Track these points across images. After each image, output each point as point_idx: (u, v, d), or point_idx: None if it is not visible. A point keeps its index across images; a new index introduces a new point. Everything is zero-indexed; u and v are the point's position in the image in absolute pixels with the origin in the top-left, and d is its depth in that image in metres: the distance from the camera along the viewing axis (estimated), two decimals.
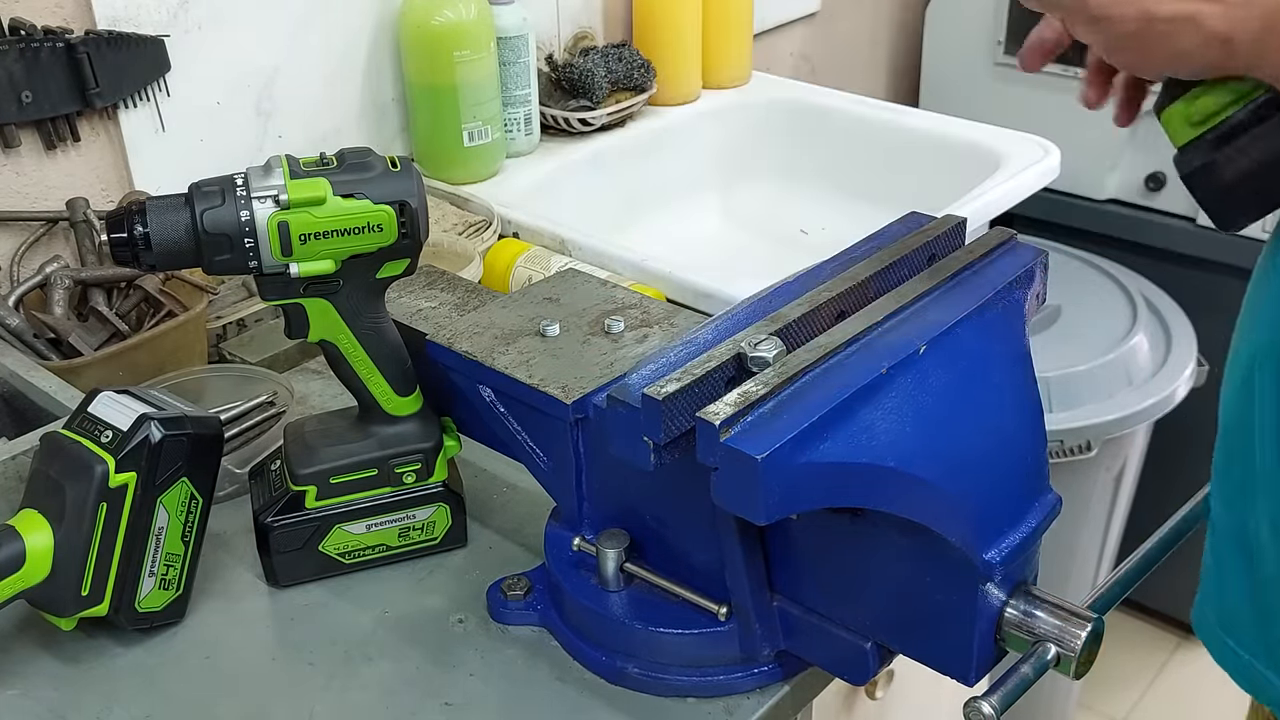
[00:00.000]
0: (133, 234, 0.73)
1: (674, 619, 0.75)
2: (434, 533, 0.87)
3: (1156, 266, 2.01)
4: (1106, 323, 1.88)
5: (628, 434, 0.63)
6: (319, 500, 0.84)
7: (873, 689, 1.14)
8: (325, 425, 0.87)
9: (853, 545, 0.67)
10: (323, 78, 1.32)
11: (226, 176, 0.75)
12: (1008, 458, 0.64)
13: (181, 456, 0.78)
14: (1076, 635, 0.62)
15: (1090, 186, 2.03)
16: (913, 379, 0.63)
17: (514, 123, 1.46)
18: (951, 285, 0.71)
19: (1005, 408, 0.64)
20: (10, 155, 1.11)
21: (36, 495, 0.78)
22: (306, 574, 0.86)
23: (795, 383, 0.62)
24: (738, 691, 0.76)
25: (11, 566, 0.75)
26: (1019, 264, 0.74)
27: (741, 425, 0.59)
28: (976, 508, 0.61)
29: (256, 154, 1.28)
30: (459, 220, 1.31)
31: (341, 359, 0.82)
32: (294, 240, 0.75)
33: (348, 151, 0.78)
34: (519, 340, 0.81)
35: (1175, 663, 2.29)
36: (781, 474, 0.58)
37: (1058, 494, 0.66)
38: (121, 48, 1.13)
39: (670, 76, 1.61)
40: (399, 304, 0.89)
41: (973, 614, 0.63)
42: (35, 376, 0.98)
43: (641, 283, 1.18)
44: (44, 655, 0.80)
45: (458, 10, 1.33)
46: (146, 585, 0.80)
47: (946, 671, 0.67)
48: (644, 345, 0.81)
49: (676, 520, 0.74)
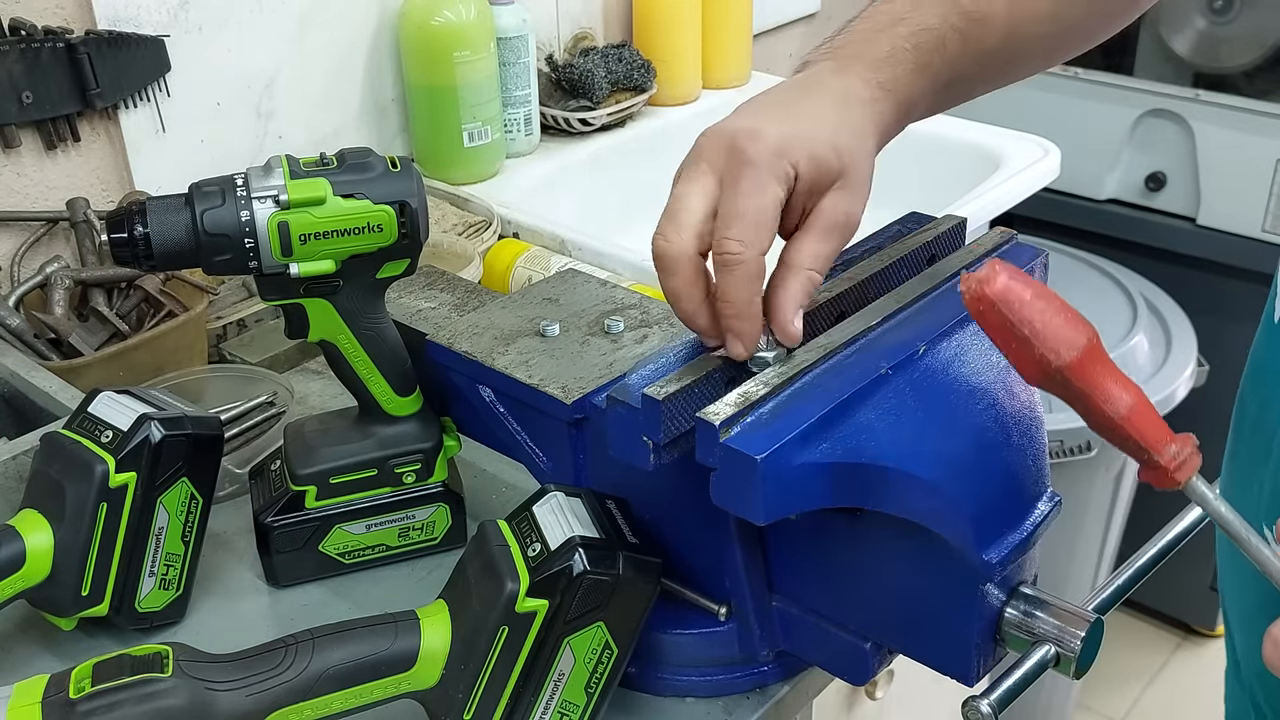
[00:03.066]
0: (133, 234, 0.73)
1: (673, 619, 0.75)
2: (434, 533, 0.87)
3: (1156, 266, 2.01)
4: (1106, 323, 1.88)
5: (627, 434, 0.63)
6: (319, 500, 0.84)
7: (873, 689, 1.14)
8: (325, 425, 0.87)
9: (852, 545, 0.67)
10: (323, 78, 1.32)
11: (226, 177, 0.75)
12: (1007, 457, 0.63)
13: (181, 456, 0.78)
14: (1076, 635, 0.62)
15: (1090, 186, 2.03)
16: (912, 379, 0.63)
17: (514, 123, 1.46)
18: (951, 285, 0.71)
19: (1005, 408, 0.64)
20: (10, 155, 1.11)
21: (36, 495, 0.78)
22: (306, 574, 0.86)
23: (795, 383, 0.62)
24: (738, 691, 0.76)
25: (11, 566, 0.75)
26: (1019, 264, 0.74)
27: (741, 425, 0.59)
28: (976, 508, 0.61)
29: (256, 154, 1.28)
30: (459, 220, 1.31)
31: (341, 359, 0.82)
32: (294, 240, 0.75)
33: (348, 152, 0.78)
34: (519, 340, 0.81)
35: (1175, 663, 2.29)
36: (781, 474, 0.58)
37: (1058, 494, 0.66)
38: (122, 48, 1.13)
39: (670, 77, 1.61)
40: (399, 304, 0.89)
41: (972, 614, 0.63)
42: (35, 376, 0.98)
43: (641, 283, 1.18)
44: (44, 655, 0.80)
45: (457, 11, 1.33)
46: (146, 585, 0.80)
47: (946, 671, 0.67)
48: (644, 345, 0.81)
49: (676, 520, 0.74)
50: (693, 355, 0.66)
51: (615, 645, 0.69)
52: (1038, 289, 0.51)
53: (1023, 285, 0.51)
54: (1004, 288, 0.51)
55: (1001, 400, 0.64)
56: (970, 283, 0.52)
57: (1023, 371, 0.53)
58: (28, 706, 0.62)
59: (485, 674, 0.67)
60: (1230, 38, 1.86)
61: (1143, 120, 1.97)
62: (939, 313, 0.68)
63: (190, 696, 0.63)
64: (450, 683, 0.67)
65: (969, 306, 0.52)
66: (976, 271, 0.52)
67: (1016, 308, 0.51)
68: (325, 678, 0.65)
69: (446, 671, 0.67)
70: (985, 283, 0.51)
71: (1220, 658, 0.92)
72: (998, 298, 0.51)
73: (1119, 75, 1.97)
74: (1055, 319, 0.51)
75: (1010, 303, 0.51)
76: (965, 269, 0.73)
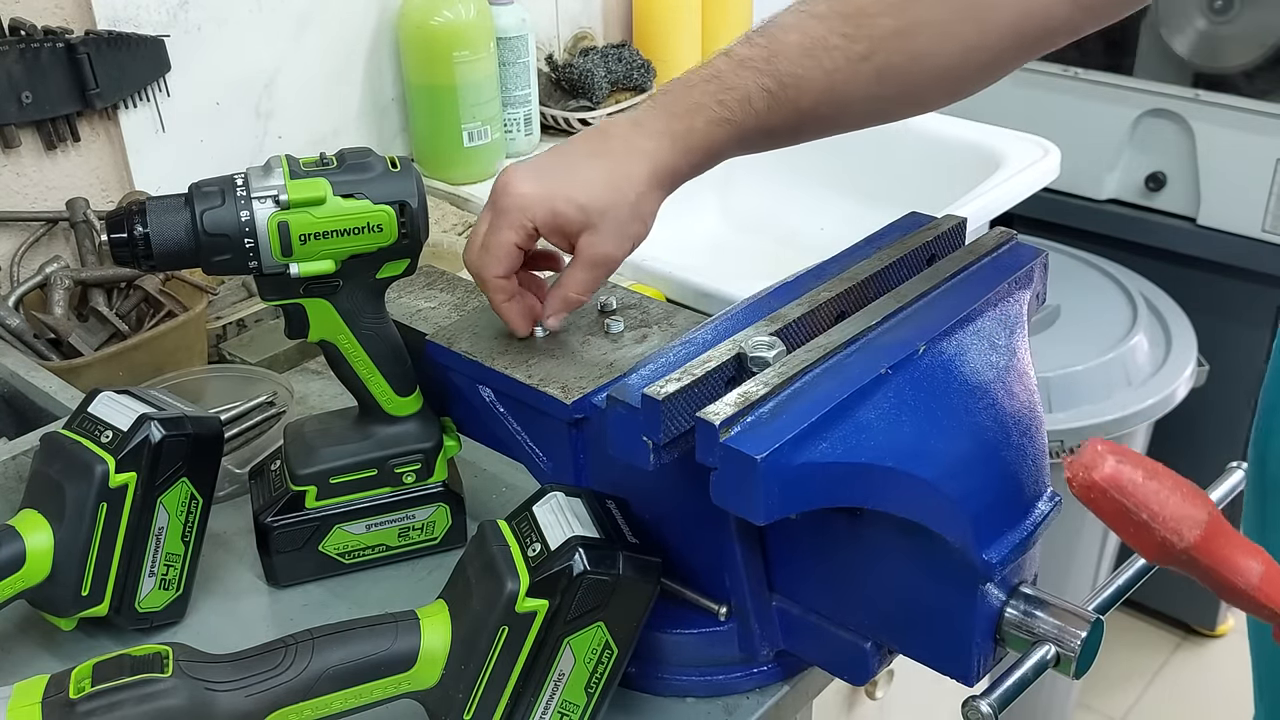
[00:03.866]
0: (133, 234, 0.73)
1: (674, 619, 0.75)
2: (434, 533, 0.87)
3: (1156, 266, 2.01)
4: (1106, 323, 1.88)
5: (627, 434, 0.63)
6: (319, 500, 0.84)
7: (873, 689, 1.14)
8: (325, 425, 0.87)
9: (852, 545, 0.67)
10: (322, 78, 1.32)
11: (226, 177, 0.75)
12: (1007, 457, 0.64)
13: (181, 456, 0.78)
14: (1076, 635, 0.62)
15: (1090, 186, 2.03)
16: (912, 379, 0.63)
17: (514, 123, 1.46)
18: (951, 285, 0.71)
19: (1005, 407, 0.64)
20: (10, 155, 1.11)
21: (36, 495, 0.78)
22: (306, 574, 0.86)
23: (795, 383, 0.62)
24: (738, 691, 0.76)
25: (11, 566, 0.75)
26: (1018, 264, 0.74)
27: (741, 425, 0.59)
28: (976, 508, 0.61)
29: (256, 154, 1.28)
30: (459, 220, 1.31)
31: (341, 359, 0.82)
32: (294, 240, 0.75)
33: (348, 152, 0.78)
34: (519, 340, 0.81)
35: (1175, 663, 2.29)
36: (781, 474, 0.58)
37: (1058, 494, 0.66)
38: (121, 48, 1.13)
39: (670, 76, 1.59)
40: (399, 304, 0.89)
41: (972, 614, 0.63)
42: (35, 376, 0.98)
43: (641, 283, 1.18)
44: (44, 655, 0.80)
45: (457, 10, 1.33)
46: (146, 585, 0.80)
47: (946, 671, 0.67)
48: (644, 345, 0.81)
49: (676, 520, 0.74)
50: (693, 355, 0.66)
51: (615, 645, 0.69)
52: (1148, 467, 0.49)
53: (1133, 467, 0.48)
54: (1114, 472, 0.48)
55: (1001, 400, 0.64)
56: (1077, 469, 0.49)
57: (1143, 552, 0.50)
58: (28, 707, 0.62)
59: (485, 674, 0.67)
60: (1230, 38, 1.86)
61: (1143, 120, 1.97)
62: (938, 313, 0.68)
63: (190, 696, 0.63)
64: (450, 683, 0.67)
65: (1079, 495, 0.49)
66: (1079, 456, 0.49)
67: (1130, 491, 0.48)
68: (325, 678, 0.65)
69: (446, 671, 0.67)
70: (1092, 468, 0.48)
71: (1220, 658, 0.92)
72: (1109, 484, 0.48)
73: (1119, 75, 1.97)
74: (1172, 498, 0.49)
75: (1123, 487, 0.48)
76: (965, 269, 0.73)
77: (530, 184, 0.77)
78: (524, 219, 0.77)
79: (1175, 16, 1.91)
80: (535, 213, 0.77)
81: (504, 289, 0.79)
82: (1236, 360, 1.99)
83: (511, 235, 0.77)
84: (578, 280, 0.79)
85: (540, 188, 0.77)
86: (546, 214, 0.77)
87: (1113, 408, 1.77)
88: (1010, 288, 0.72)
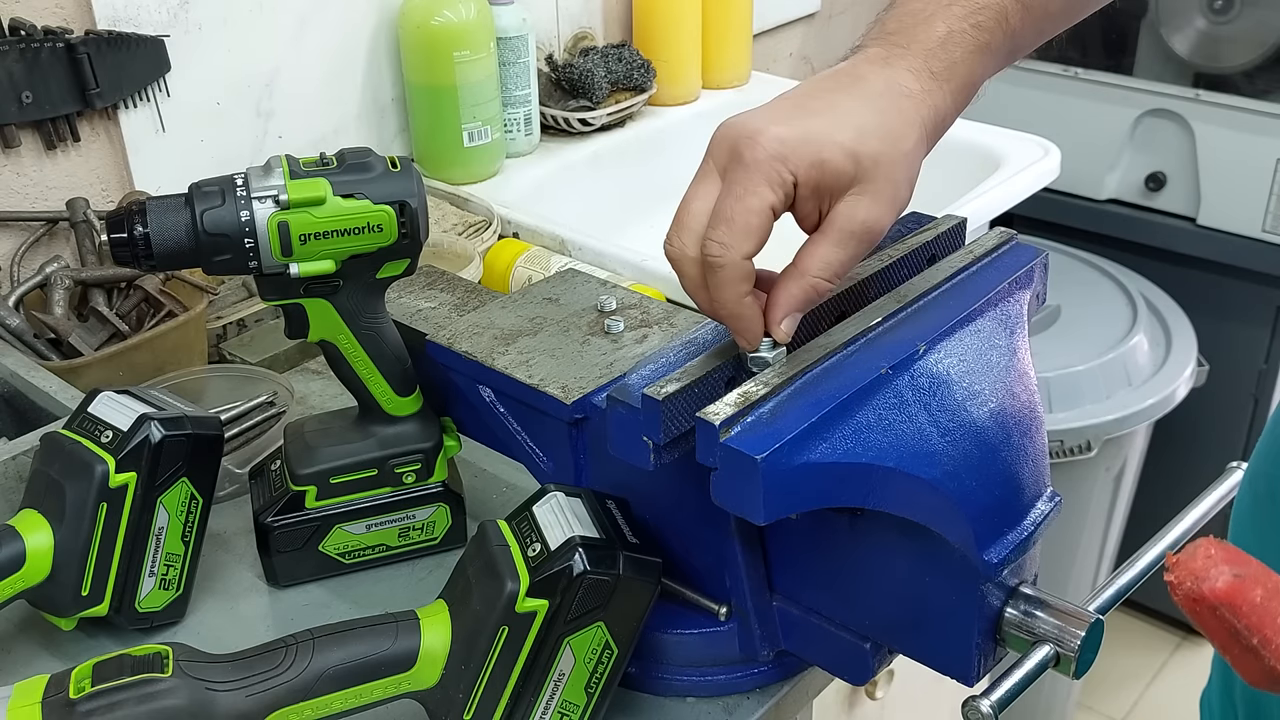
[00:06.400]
0: (133, 234, 0.73)
1: (673, 619, 0.75)
2: (434, 533, 0.87)
3: (1156, 266, 2.01)
4: (1106, 323, 1.88)
5: (628, 434, 0.63)
6: (319, 500, 0.84)
7: (873, 689, 1.14)
8: (325, 425, 0.87)
9: (852, 545, 0.67)
10: (322, 78, 1.32)
11: (226, 177, 0.75)
12: (1007, 457, 0.63)
13: (181, 456, 0.78)
14: (1076, 635, 0.62)
15: (1090, 186, 2.03)
16: (912, 379, 0.63)
17: (514, 123, 1.46)
18: (951, 285, 0.71)
19: (1005, 408, 0.64)
20: (10, 155, 1.11)
21: (36, 495, 0.78)
22: (306, 574, 0.86)
23: (795, 383, 0.62)
24: (738, 691, 0.76)
25: (11, 566, 0.75)
26: (1019, 264, 0.74)
27: (741, 425, 0.59)
28: (976, 508, 0.61)
29: (256, 154, 1.28)
30: (459, 220, 1.31)
31: (341, 359, 0.82)
32: (294, 240, 0.75)
33: (348, 151, 0.78)
34: (519, 340, 0.81)
35: (1175, 663, 2.29)
36: (781, 474, 0.58)
37: (1058, 494, 0.66)
38: (121, 48, 1.13)
39: (670, 76, 1.61)
40: (399, 304, 0.89)
41: (972, 614, 0.63)
42: (35, 376, 0.98)
43: (641, 283, 1.18)
44: (44, 655, 0.80)
45: (457, 10, 1.33)
46: (146, 585, 0.80)
47: (946, 671, 0.67)
48: (644, 345, 0.81)
49: (676, 520, 0.74)
50: (693, 355, 0.66)
51: (615, 645, 0.69)
52: (1268, 585, 0.42)
53: (1250, 584, 0.42)
54: (1229, 590, 0.42)
55: (1002, 400, 0.64)
56: (1184, 576, 0.42)
57: (1244, 674, 0.44)
58: (28, 707, 0.62)
59: (485, 674, 0.67)
60: (1230, 38, 1.86)
61: (1143, 120, 1.97)
62: (938, 313, 0.68)
63: (190, 696, 0.62)
64: (450, 683, 0.67)
65: (1183, 605, 0.43)
66: (1188, 559, 0.42)
67: (1245, 613, 0.42)
68: (325, 678, 0.65)
69: (446, 671, 0.67)
70: (1204, 579, 0.42)
71: None
72: (1222, 601, 0.42)
73: (1119, 75, 1.97)
74: None
75: (1238, 608, 0.42)
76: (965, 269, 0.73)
77: (784, 126, 0.59)
78: (784, 171, 0.58)
79: (1175, 16, 1.91)
80: (798, 162, 0.58)
81: (749, 275, 0.60)
82: (1236, 360, 1.99)
83: (769, 195, 0.58)
84: (830, 258, 0.60)
85: (799, 130, 0.59)
86: (812, 164, 0.58)
87: (1113, 408, 1.77)
88: (1010, 288, 0.72)
